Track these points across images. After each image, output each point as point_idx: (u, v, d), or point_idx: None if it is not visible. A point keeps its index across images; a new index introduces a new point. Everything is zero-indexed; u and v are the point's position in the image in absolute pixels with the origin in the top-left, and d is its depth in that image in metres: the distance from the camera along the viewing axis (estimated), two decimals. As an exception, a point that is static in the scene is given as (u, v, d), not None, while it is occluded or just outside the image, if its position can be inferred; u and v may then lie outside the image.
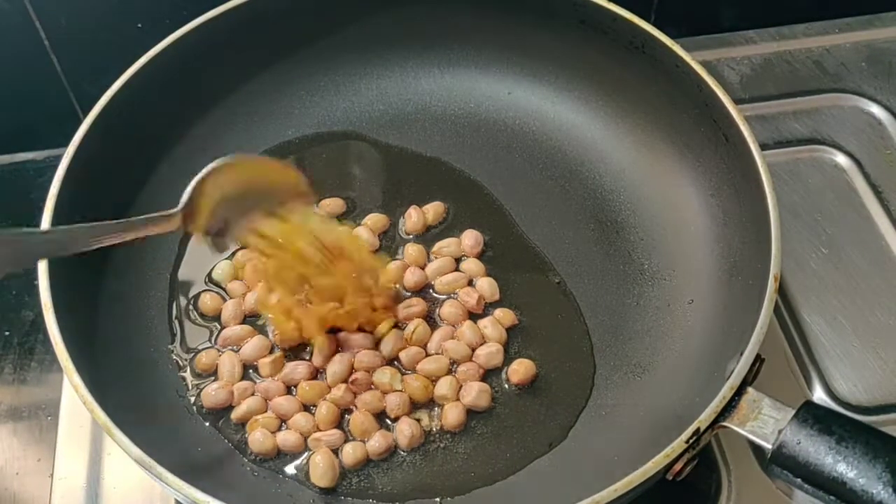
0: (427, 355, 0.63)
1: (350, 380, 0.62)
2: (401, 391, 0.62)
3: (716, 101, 0.64)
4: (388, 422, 0.61)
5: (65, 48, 0.78)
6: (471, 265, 0.68)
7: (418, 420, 0.61)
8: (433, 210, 0.70)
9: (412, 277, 0.66)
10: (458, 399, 0.62)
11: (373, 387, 0.62)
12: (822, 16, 0.87)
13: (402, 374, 0.63)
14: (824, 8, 0.87)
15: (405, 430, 0.60)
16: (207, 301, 0.66)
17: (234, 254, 0.68)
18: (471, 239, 0.68)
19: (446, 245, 0.69)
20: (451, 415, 0.61)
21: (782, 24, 0.87)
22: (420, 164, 0.73)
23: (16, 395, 0.69)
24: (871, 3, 0.88)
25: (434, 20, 0.74)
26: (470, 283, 0.67)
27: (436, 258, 0.68)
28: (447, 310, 0.65)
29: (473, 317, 0.65)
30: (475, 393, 0.61)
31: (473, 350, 0.63)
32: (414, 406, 0.62)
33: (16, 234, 0.54)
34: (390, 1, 0.74)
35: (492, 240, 0.69)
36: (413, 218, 0.69)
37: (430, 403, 0.62)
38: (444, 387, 0.62)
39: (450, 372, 0.63)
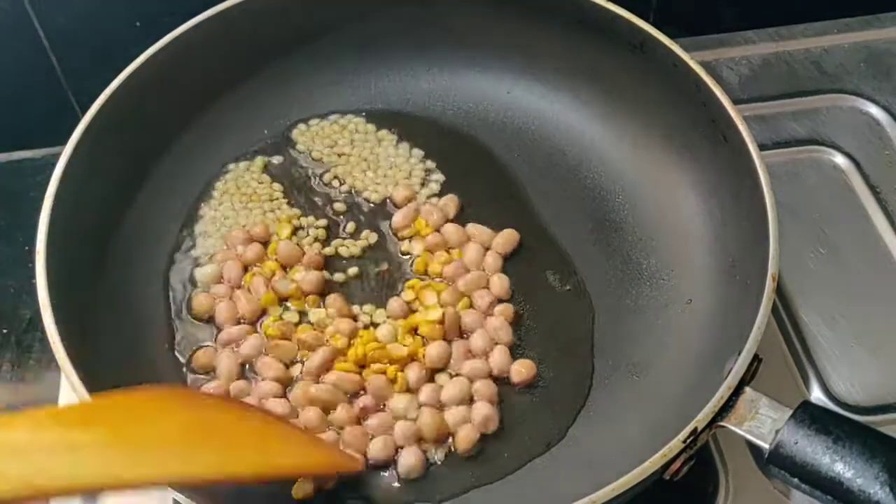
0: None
1: (361, 405, 0.60)
2: (413, 420, 0.60)
3: (714, 102, 0.64)
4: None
5: (63, 46, 0.78)
6: (490, 260, 0.67)
7: (425, 451, 0.60)
8: (451, 203, 0.70)
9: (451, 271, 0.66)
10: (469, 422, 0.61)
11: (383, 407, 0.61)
12: (821, 16, 0.87)
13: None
14: (823, 8, 0.87)
15: (409, 461, 0.59)
16: (202, 301, 0.65)
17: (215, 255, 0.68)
18: (509, 237, 0.68)
19: (479, 233, 0.68)
20: (464, 441, 0.60)
21: (781, 25, 0.87)
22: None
23: (14, 394, 0.69)
24: (870, 3, 0.88)
25: (433, 20, 0.74)
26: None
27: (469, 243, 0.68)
28: (466, 319, 0.64)
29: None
30: (481, 419, 0.60)
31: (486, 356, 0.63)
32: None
33: None
34: (388, 1, 0.74)
35: (490, 239, 0.69)
36: (434, 215, 0.69)
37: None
38: (457, 416, 0.60)
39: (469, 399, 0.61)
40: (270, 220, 0.69)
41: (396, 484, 0.59)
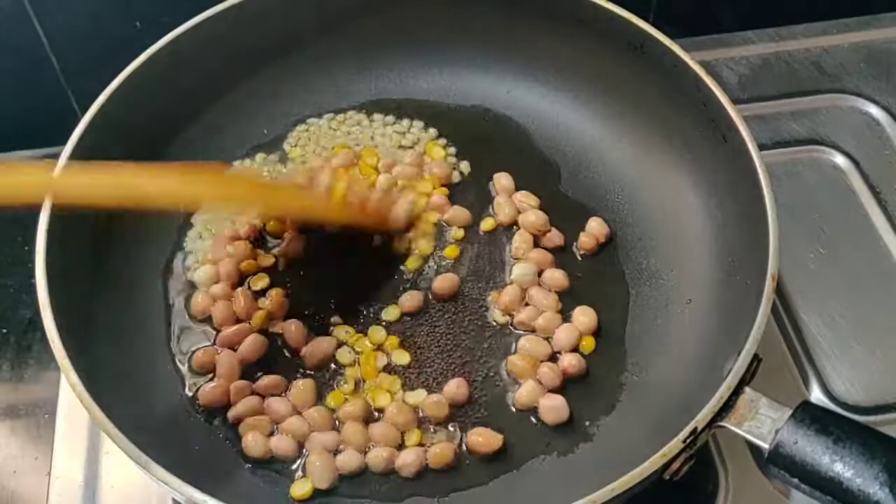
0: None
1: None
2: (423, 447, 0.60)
3: (714, 102, 0.64)
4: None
5: (63, 47, 0.78)
6: (553, 276, 0.66)
7: (426, 449, 0.60)
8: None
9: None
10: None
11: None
12: (821, 16, 0.87)
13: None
14: (823, 8, 0.87)
15: (408, 458, 0.59)
16: (199, 301, 0.65)
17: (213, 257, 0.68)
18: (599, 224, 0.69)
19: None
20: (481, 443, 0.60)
21: (781, 25, 0.87)
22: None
23: (13, 394, 0.69)
24: (870, 3, 0.88)
25: (433, 20, 0.74)
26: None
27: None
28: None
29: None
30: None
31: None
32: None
33: None
34: (389, 1, 0.74)
35: (490, 239, 0.69)
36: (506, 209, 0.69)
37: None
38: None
39: None
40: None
41: (396, 480, 0.59)
